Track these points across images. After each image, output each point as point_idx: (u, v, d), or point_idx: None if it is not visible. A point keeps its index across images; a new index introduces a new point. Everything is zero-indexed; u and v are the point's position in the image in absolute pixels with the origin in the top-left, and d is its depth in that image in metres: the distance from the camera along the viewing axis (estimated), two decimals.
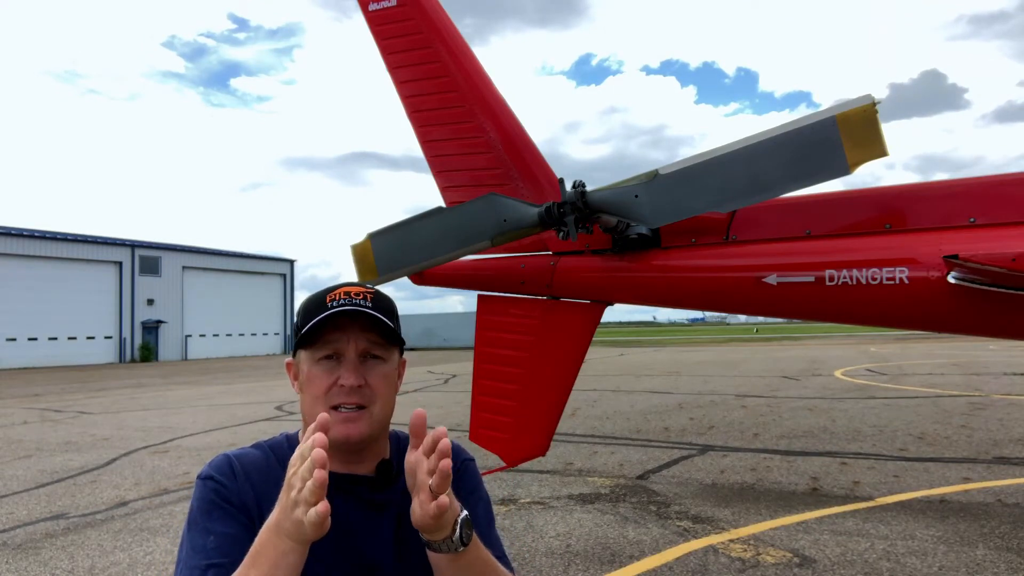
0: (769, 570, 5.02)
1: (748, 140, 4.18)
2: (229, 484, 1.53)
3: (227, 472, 1.55)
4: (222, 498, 1.51)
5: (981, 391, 15.90)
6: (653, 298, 5.34)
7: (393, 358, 1.62)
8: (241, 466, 1.57)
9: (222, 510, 1.49)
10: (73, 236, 47.69)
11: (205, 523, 1.48)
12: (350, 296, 1.57)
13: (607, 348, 50.01)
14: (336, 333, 1.54)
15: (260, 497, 1.52)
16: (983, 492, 7.06)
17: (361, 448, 1.59)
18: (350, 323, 1.54)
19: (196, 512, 1.51)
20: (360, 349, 1.55)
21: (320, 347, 1.55)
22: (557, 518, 6.49)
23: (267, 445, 1.66)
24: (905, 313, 4.40)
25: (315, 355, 1.56)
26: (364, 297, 1.58)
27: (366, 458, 1.62)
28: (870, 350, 36.41)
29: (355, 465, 1.61)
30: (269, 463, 1.59)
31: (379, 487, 1.62)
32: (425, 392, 19.82)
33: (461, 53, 5.66)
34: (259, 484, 1.54)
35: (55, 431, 13.18)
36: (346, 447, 1.55)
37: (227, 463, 1.57)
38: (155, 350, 49.52)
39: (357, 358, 1.55)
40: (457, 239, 5.00)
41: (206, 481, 1.54)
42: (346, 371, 1.53)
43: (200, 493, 1.53)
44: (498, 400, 5.32)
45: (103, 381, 28.18)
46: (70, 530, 6.49)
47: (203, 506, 1.51)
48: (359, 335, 1.54)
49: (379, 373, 1.57)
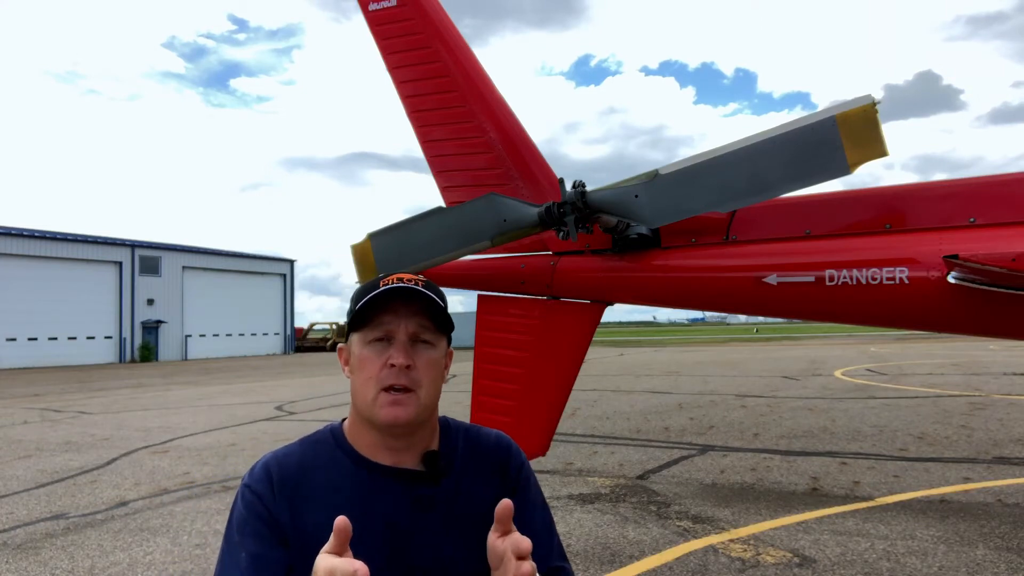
0: (769, 570, 5.02)
1: (748, 140, 4.19)
2: (265, 497, 1.51)
3: (264, 484, 1.53)
4: (255, 515, 1.50)
5: (981, 391, 15.90)
6: (653, 298, 5.34)
7: (441, 345, 1.62)
8: (280, 474, 1.54)
9: (254, 528, 1.49)
10: (73, 236, 47.66)
11: (239, 538, 1.49)
12: (403, 281, 1.58)
13: (607, 348, 50.00)
14: (388, 316, 1.55)
15: (297, 510, 1.50)
16: (983, 492, 7.05)
17: (409, 432, 1.57)
18: (401, 306, 1.55)
19: (234, 521, 1.52)
20: (410, 332, 1.55)
21: (372, 329, 1.56)
22: (557, 518, 6.49)
23: (311, 441, 1.64)
24: (905, 313, 4.40)
25: (366, 337, 1.56)
26: (416, 282, 1.59)
27: (413, 447, 1.59)
28: (870, 350, 36.40)
29: (401, 454, 1.58)
30: (314, 462, 1.57)
31: (427, 481, 1.58)
32: None
33: (461, 53, 5.66)
34: (297, 495, 1.52)
35: (55, 431, 13.18)
36: (394, 431, 1.54)
37: (266, 474, 1.54)
38: (155, 350, 49.49)
39: (407, 340, 1.55)
40: (457, 239, 5.00)
41: (244, 491, 1.54)
42: (396, 351, 1.53)
43: (238, 504, 1.54)
44: (498, 400, 5.32)
45: (103, 381, 28.17)
46: (70, 530, 6.49)
47: (239, 518, 1.51)
48: (410, 318, 1.55)
49: (427, 358, 1.56)
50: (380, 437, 1.56)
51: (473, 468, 1.64)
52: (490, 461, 1.67)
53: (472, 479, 1.62)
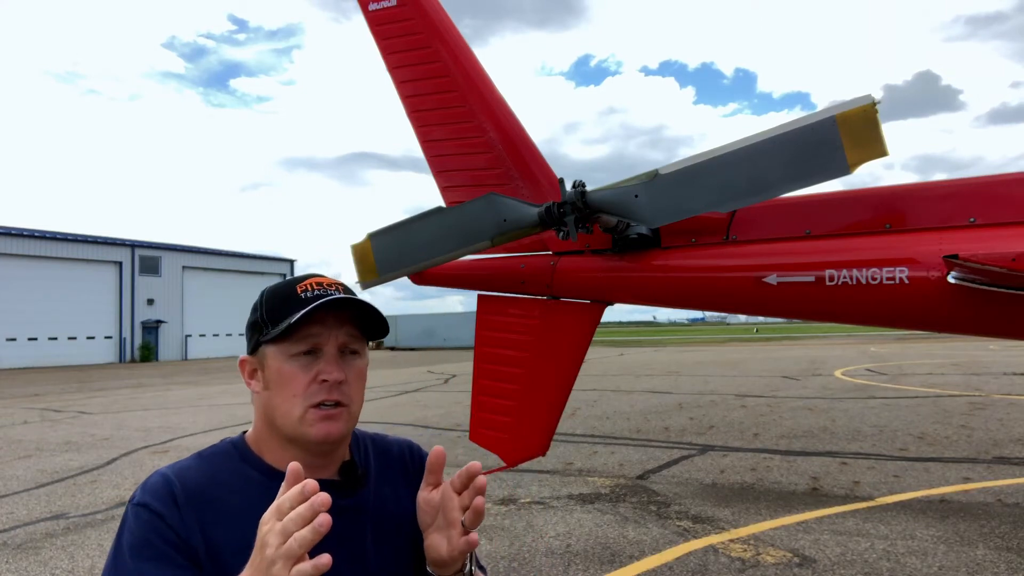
0: (769, 570, 5.02)
1: (748, 140, 4.18)
2: (168, 515, 1.31)
3: (166, 499, 1.33)
4: (159, 535, 1.29)
5: (981, 391, 15.90)
6: (653, 298, 5.34)
7: (366, 353, 1.54)
8: (183, 488, 1.36)
9: (157, 550, 1.28)
10: (73, 236, 47.67)
11: (135, 563, 1.27)
12: (323, 287, 1.46)
13: (607, 348, 50.00)
14: (315, 327, 1.42)
15: (207, 526, 1.33)
16: (983, 492, 7.06)
17: (334, 449, 1.49)
18: (328, 315, 1.43)
19: (126, 549, 1.29)
20: (340, 343, 1.44)
21: (296, 342, 1.41)
22: (557, 518, 6.49)
23: (210, 454, 1.48)
24: (905, 313, 4.40)
25: (289, 350, 1.42)
26: (337, 288, 1.47)
27: (332, 460, 1.50)
28: (870, 350, 36.40)
29: (319, 470, 1.46)
30: (215, 478, 1.41)
31: (347, 491, 1.49)
32: (425, 392, 19.81)
33: (461, 53, 5.66)
34: (205, 509, 1.35)
35: (55, 431, 13.18)
36: (323, 448, 1.45)
37: (166, 487, 1.35)
38: (155, 350, 49.50)
39: (337, 353, 1.44)
40: (457, 239, 5.00)
41: (139, 510, 1.32)
42: (328, 366, 1.42)
43: (131, 525, 1.32)
44: (498, 400, 5.31)
45: (103, 381, 28.17)
46: (70, 530, 6.49)
47: (135, 543, 1.29)
48: (339, 328, 1.44)
49: (357, 369, 1.48)
50: (301, 454, 1.41)
51: (386, 475, 1.58)
52: (399, 465, 1.63)
53: (387, 486, 1.57)
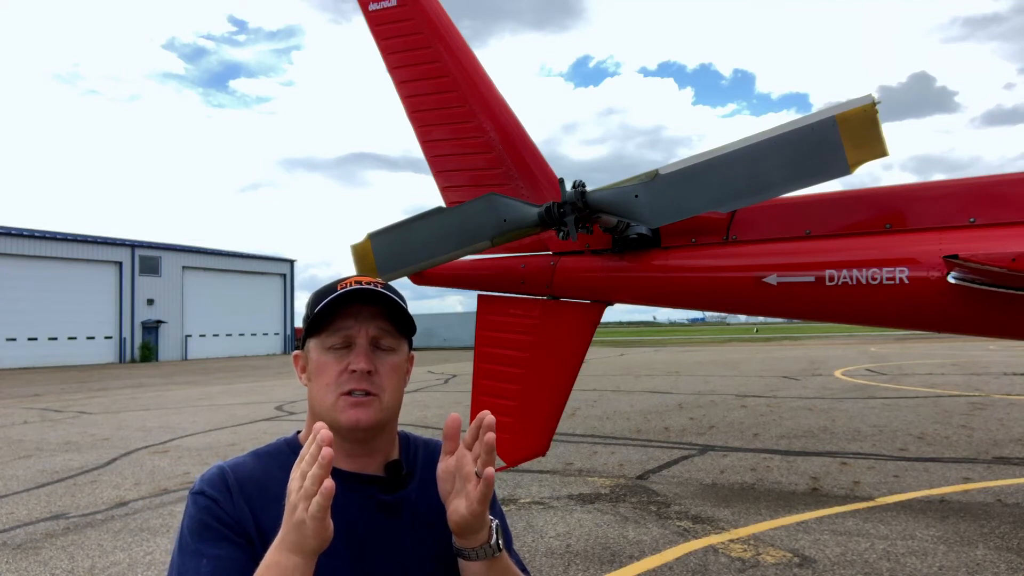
0: (769, 570, 5.02)
1: (748, 140, 4.19)
2: (223, 500, 1.43)
3: (220, 487, 1.45)
4: (214, 517, 1.41)
5: (981, 391, 15.91)
6: (653, 298, 5.34)
7: (403, 350, 1.58)
8: (236, 478, 1.47)
9: (214, 531, 1.40)
10: (73, 236, 47.66)
11: (197, 545, 1.38)
12: (361, 284, 1.53)
13: (607, 348, 50.00)
14: (347, 320, 1.50)
15: (257, 512, 1.44)
16: (983, 492, 7.06)
17: (370, 438, 1.54)
18: (361, 310, 1.51)
19: (187, 532, 1.41)
20: (370, 336, 1.51)
21: (330, 334, 1.51)
22: (557, 518, 6.49)
23: (265, 453, 1.58)
24: (905, 313, 4.41)
25: (325, 343, 1.51)
26: (375, 284, 1.54)
27: (374, 454, 1.56)
28: (870, 350, 36.40)
29: (363, 461, 1.54)
30: (267, 472, 1.50)
31: (390, 488, 1.55)
32: (425, 392, 19.81)
33: (461, 53, 5.66)
34: (256, 497, 1.46)
35: (55, 431, 13.18)
36: (355, 435, 1.50)
37: (220, 476, 1.47)
38: (155, 350, 49.49)
39: (368, 345, 1.51)
40: (457, 239, 5.00)
41: (197, 497, 1.44)
42: (357, 356, 1.49)
43: (191, 511, 1.44)
44: (498, 400, 5.31)
45: (103, 381, 28.17)
46: (70, 530, 6.49)
47: (194, 526, 1.41)
48: (370, 322, 1.51)
49: (389, 363, 1.53)
50: (340, 443, 1.48)
51: (432, 480, 1.58)
52: None
53: (432, 489, 1.57)
